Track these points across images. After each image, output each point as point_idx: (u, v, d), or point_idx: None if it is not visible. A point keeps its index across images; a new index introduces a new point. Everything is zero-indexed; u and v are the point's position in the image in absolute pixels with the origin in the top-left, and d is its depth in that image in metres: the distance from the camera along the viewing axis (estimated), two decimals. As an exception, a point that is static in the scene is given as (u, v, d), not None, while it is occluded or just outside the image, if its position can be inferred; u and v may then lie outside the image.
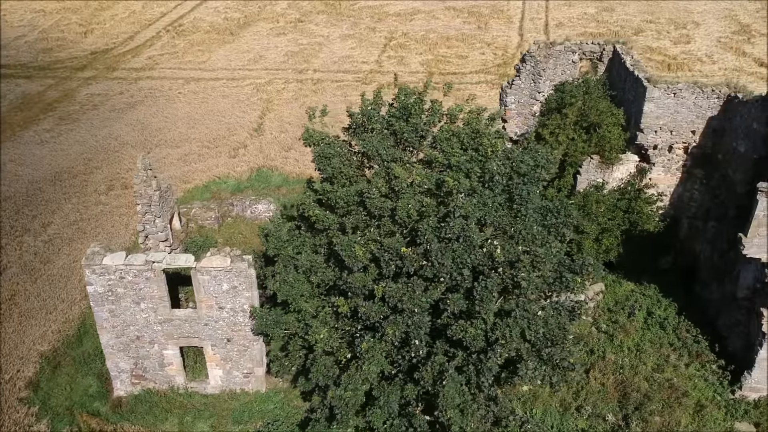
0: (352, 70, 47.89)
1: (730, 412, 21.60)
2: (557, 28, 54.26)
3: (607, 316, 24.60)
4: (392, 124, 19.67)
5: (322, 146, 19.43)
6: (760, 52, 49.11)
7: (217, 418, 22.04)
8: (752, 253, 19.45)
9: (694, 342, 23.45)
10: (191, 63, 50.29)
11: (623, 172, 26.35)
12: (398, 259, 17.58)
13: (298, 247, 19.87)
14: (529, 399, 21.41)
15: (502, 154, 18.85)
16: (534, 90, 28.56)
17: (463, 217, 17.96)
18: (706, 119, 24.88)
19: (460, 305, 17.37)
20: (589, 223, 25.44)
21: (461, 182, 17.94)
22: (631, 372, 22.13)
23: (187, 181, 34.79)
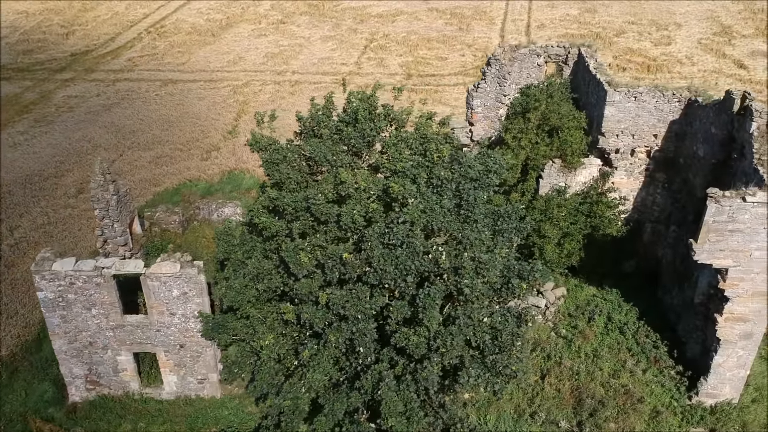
0: (330, 72, 47.75)
1: (686, 418, 21.53)
2: (539, 30, 54.15)
3: (567, 321, 24.48)
4: (341, 130, 19.53)
5: (269, 152, 19.29)
6: (740, 53, 49.03)
7: (171, 424, 21.91)
8: (703, 259, 19.29)
9: (653, 347, 23.35)
10: (170, 65, 50.14)
11: (586, 176, 26.23)
12: (342, 265, 17.46)
13: (249, 252, 19.73)
14: (483, 405, 21.28)
15: (449, 159, 18.70)
16: (500, 93, 28.46)
17: (408, 223, 17.89)
18: (667, 123, 24.77)
19: (404, 312, 17.26)
20: (550, 227, 25.35)
21: (406, 188, 17.82)
22: (587, 378, 22.02)
23: (157, 183, 34.65)
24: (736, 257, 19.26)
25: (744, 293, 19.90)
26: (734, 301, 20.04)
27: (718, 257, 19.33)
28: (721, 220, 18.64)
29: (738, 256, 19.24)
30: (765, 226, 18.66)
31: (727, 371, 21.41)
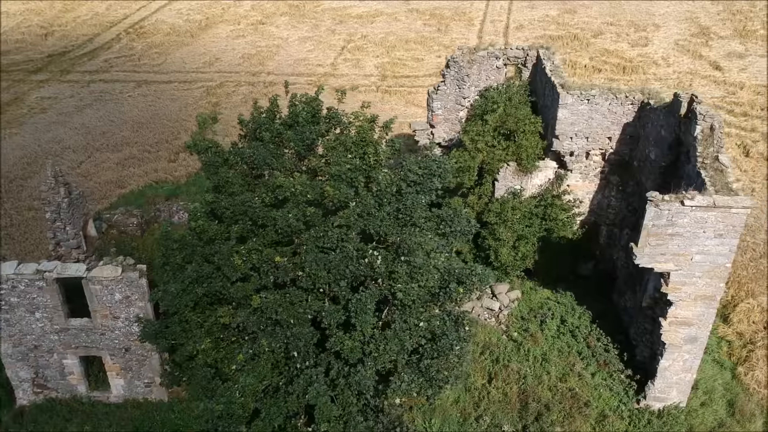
0: (305, 73, 47.67)
1: (633, 421, 21.46)
2: (517, 31, 54.11)
3: (519, 324, 24.41)
4: (281, 133, 19.44)
5: (209, 154, 19.20)
6: (717, 55, 49.02)
7: (118, 427, 21.81)
8: (644, 263, 19.23)
9: (605, 351, 23.29)
10: (146, 66, 50.04)
11: (542, 179, 26.17)
12: (275, 269, 17.40)
13: (189, 256, 19.63)
14: (429, 409, 21.20)
15: (387, 162, 18.64)
16: (459, 96, 28.34)
17: (344, 227, 17.85)
18: (621, 126, 24.70)
19: (338, 317, 17.20)
20: (504, 230, 25.31)
21: (342, 191, 17.76)
22: (535, 381, 21.94)
23: (122, 185, 34.57)
24: (678, 261, 19.20)
25: (687, 297, 19.84)
26: (678, 305, 19.98)
27: (660, 261, 19.28)
28: (660, 224, 18.59)
29: (679, 260, 19.18)
30: (705, 230, 18.61)
31: (673, 375, 21.35)
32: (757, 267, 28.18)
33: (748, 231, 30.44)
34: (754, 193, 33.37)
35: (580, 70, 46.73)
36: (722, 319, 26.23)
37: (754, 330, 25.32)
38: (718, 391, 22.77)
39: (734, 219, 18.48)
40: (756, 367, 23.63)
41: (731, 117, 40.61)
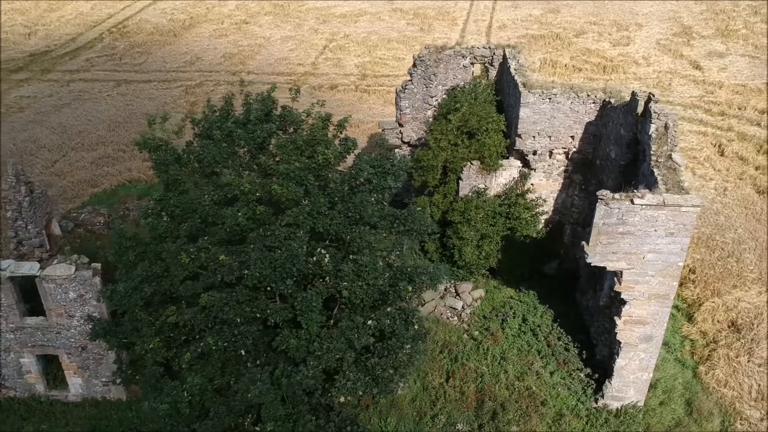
0: (285, 72, 47.63)
1: (591, 420, 21.44)
2: (499, 30, 54.08)
3: (480, 323, 24.39)
4: (232, 131, 19.42)
5: (159, 153, 19.17)
6: (697, 54, 49.01)
7: (74, 426, 21.78)
8: (596, 262, 19.21)
9: (565, 350, 23.28)
10: (127, 65, 49.98)
11: (507, 178, 26.15)
12: (222, 267, 17.36)
13: (142, 254, 19.59)
14: (385, 407, 21.17)
15: (335, 161, 18.62)
16: (427, 95, 28.33)
17: (293, 226, 17.83)
18: (584, 124, 24.68)
19: (284, 315, 17.18)
20: (467, 229, 25.30)
21: (290, 190, 17.73)
22: (492, 380, 21.92)
23: (95, 185, 34.51)
24: (630, 260, 19.18)
25: (640, 296, 19.82)
26: (631, 304, 19.97)
27: (611, 260, 19.26)
28: (611, 223, 18.56)
29: (631, 259, 19.17)
30: (656, 228, 18.59)
31: (630, 374, 21.32)
32: (725, 266, 28.16)
33: (718, 230, 30.47)
34: (726, 192, 33.38)
35: (560, 70, 46.71)
36: (687, 318, 26.26)
37: (718, 329, 25.31)
38: (677, 390, 22.77)
39: (685, 217, 18.48)
40: (717, 366, 23.62)
41: (708, 116, 40.63)
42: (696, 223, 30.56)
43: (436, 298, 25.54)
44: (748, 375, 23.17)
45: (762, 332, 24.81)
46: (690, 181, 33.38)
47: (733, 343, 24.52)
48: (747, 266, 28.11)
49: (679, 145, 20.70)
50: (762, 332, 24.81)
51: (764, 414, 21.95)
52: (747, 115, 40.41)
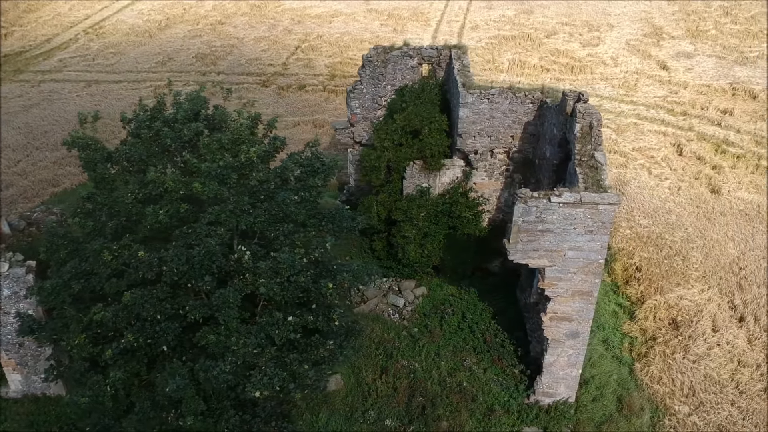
0: (255, 72, 47.92)
1: (522, 416, 21.72)
2: (472, 31, 54.39)
3: (420, 320, 24.68)
4: (159, 130, 19.71)
5: (88, 151, 19.46)
6: (666, 54, 49.32)
7: (11, 423, 22.04)
8: (518, 259, 19.50)
9: (501, 347, 23.57)
10: (100, 65, 50.26)
11: (450, 177, 26.45)
12: (140, 264, 17.64)
13: (73, 253, 19.87)
14: (317, 403, 21.45)
15: (259, 160, 18.90)
16: (376, 95, 28.60)
17: (216, 224, 18.14)
18: (523, 124, 25.00)
19: (203, 312, 17.47)
20: (409, 228, 25.59)
21: (211, 188, 18.02)
22: (425, 376, 22.20)
23: (56, 184, 34.81)
24: (551, 257, 19.48)
25: (564, 293, 20.12)
26: (556, 301, 20.27)
27: (533, 257, 19.57)
28: (530, 221, 18.87)
29: (552, 256, 19.46)
30: (575, 226, 18.88)
31: (559, 370, 21.63)
32: (671, 264, 28.46)
33: (668, 229, 30.77)
34: (680, 191, 33.68)
35: (529, 70, 47.03)
36: (629, 315, 26.56)
37: (658, 327, 25.62)
38: (610, 386, 23.06)
39: (603, 215, 18.75)
40: (652, 363, 23.93)
41: (670, 116, 40.96)
42: (646, 222, 31.05)
43: (379, 296, 25.84)
44: (682, 372, 23.47)
45: (700, 329, 25.12)
46: (649, 180, 33.85)
47: (671, 340, 24.84)
48: (692, 264, 28.42)
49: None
50: (700, 329, 25.12)
51: (693, 409, 22.25)
52: (709, 115, 40.74)
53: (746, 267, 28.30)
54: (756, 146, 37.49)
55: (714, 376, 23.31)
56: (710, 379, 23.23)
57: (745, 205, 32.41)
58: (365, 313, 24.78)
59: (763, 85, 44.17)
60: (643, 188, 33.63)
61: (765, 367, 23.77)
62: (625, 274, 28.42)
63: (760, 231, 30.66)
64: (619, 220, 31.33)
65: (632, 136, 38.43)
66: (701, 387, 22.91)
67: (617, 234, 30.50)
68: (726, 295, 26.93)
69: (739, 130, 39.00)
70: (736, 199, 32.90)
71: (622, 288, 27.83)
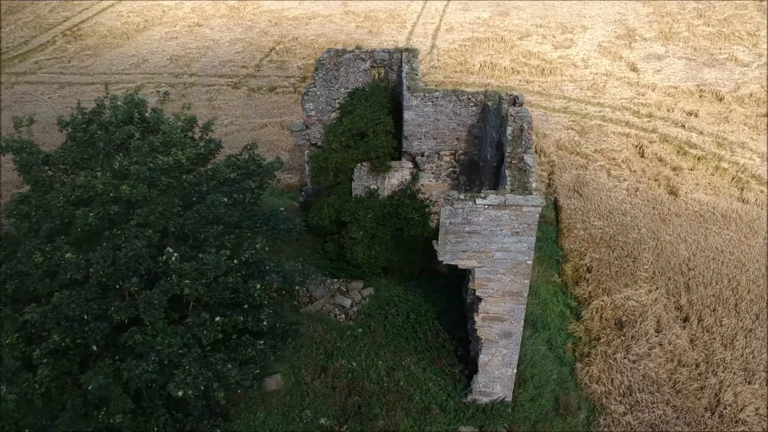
0: (228, 74, 48.22)
1: (458, 416, 21.99)
2: (446, 33, 54.68)
3: (364, 320, 24.96)
4: (94, 134, 20.00)
5: (23, 155, 19.75)
6: (636, 56, 49.63)
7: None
8: (447, 260, 19.75)
9: (441, 346, 23.85)
10: (74, 67, 50.55)
11: (399, 179, 26.75)
12: (68, 265, 17.94)
13: (11, 255, 20.15)
14: (255, 402, 21.71)
15: (188, 163, 19.21)
16: (329, 97, 28.90)
17: (144, 225, 18.45)
18: (467, 127, 25.30)
19: (130, 312, 17.79)
20: (356, 230, 25.89)
21: (139, 190, 18.33)
22: (363, 375, 22.48)
23: (21, 186, 35.03)
24: (480, 258, 19.75)
25: (495, 293, 20.38)
26: (487, 301, 20.53)
27: (462, 258, 19.82)
28: (457, 222, 19.12)
29: (481, 257, 19.73)
30: (501, 227, 19.15)
31: (495, 370, 21.88)
32: (621, 265, 28.74)
33: (622, 230, 31.05)
34: (637, 193, 33.97)
35: (499, 72, 47.34)
36: (576, 316, 26.85)
37: (602, 327, 25.89)
38: (549, 386, 23.32)
39: (527, 217, 19.00)
40: (593, 363, 24.20)
41: (635, 118, 41.25)
42: (600, 224, 31.33)
43: (327, 297, 26.13)
44: (621, 371, 23.74)
45: (643, 330, 25.41)
46: (607, 181, 34.13)
47: (613, 340, 25.12)
48: (642, 265, 28.70)
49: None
50: (643, 330, 25.41)
51: (628, 408, 22.53)
52: (674, 117, 41.05)
53: (696, 268, 28.59)
54: (717, 148, 37.81)
55: (652, 375, 23.58)
56: (648, 378, 23.50)
57: (700, 207, 32.71)
58: (311, 314, 25.07)
59: (729, 86, 44.50)
60: (601, 190, 33.92)
61: (704, 367, 24.05)
62: (575, 274, 28.70)
63: (713, 232, 30.96)
64: (574, 222, 31.65)
65: (595, 138, 38.73)
66: (639, 386, 23.19)
67: (570, 235, 30.82)
68: (673, 296, 27.21)
69: (702, 132, 39.31)
70: (692, 200, 33.19)
71: (571, 289, 28.11)
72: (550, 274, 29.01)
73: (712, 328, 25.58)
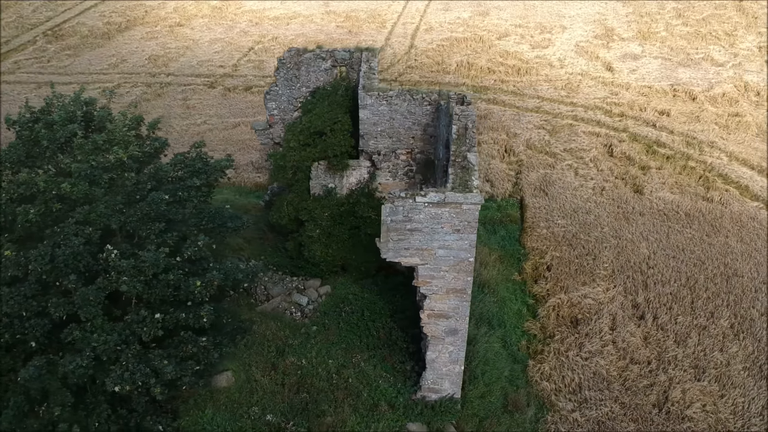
0: (204, 74, 48.37)
1: (406, 412, 22.11)
2: (425, 33, 54.83)
3: (319, 318, 25.09)
4: (38, 132, 20.16)
5: (-31, 154, 19.94)
6: (613, 56, 49.78)
7: None
8: (390, 257, 19.91)
9: (394, 344, 23.98)
10: (53, 67, 50.72)
11: (357, 177, 26.88)
12: (7, 262, 18.11)
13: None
14: (203, 399, 21.83)
15: (131, 161, 19.37)
16: (291, 96, 29.01)
17: (85, 223, 18.61)
18: (422, 126, 25.42)
19: (67, 309, 17.95)
20: (313, 228, 26.04)
21: (79, 188, 18.50)
22: (312, 372, 22.61)
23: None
24: (422, 256, 19.89)
25: (439, 290, 20.53)
26: (431, 298, 20.68)
27: (405, 255, 19.97)
28: (398, 220, 19.28)
29: (424, 255, 19.87)
30: (442, 225, 19.30)
31: (442, 366, 22.01)
32: (581, 263, 28.89)
33: (584, 228, 31.21)
34: (603, 192, 34.11)
35: (475, 72, 47.48)
36: (533, 314, 27.00)
37: (558, 325, 26.04)
38: (500, 383, 23.45)
39: (467, 215, 19.15)
40: (545, 361, 24.35)
41: (606, 117, 41.40)
42: (564, 222, 31.48)
43: (283, 295, 26.27)
44: (572, 369, 23.89)
45: (597, 327, 25.55)
46: (574, 180, 34.27)
47: (567, 338, 25.28)
48: (602, 264, 28.84)
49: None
50: (597, 327, 25.55)
51: (576, 406, 22.68)
52: (645, 116, 41.19)
53: (655, 266, 28.74)
54: (686, 147, 37.96)
55: (603, 373, 23.73)
56: (599, 376, 23.65)
57: (665, 205, 32.86)
58: (267, 312, 25.21)
59: (703, 86, 44.65)
60: (567, 189, 34.07)
61: (655, 364, 24.20)
62: (534, 273, 28.86)
63: (675, 230, 31.11)
64: (538, 220, 31.80)
65: (565, 137, 38.87)
66: (588, 384, 23.34)
67: (534, 234, 30.98)
68: (630, 294, 27.36)
69: (673, 131, 39.45)
70: (657, 199, 33.34)
71: (530, 287, 28.26)
72: (510, 272, 29.17)
73: (666, 325, 25.72)
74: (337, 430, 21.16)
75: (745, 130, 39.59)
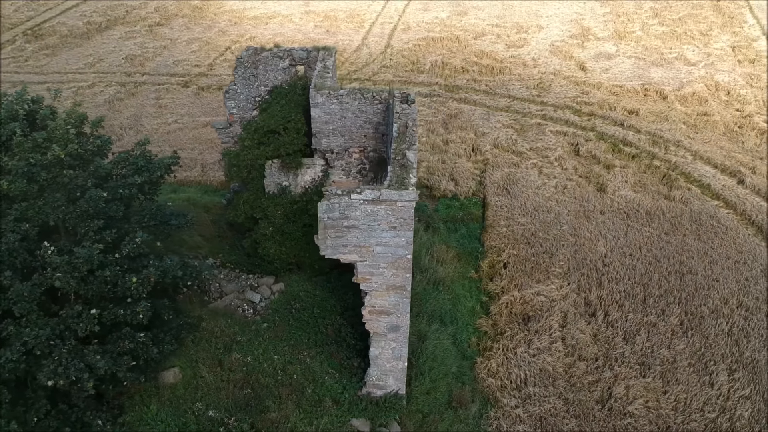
0: (179, 74, 48.54)
1: (351, 408, 22.30)
2: (402, 33, 55.03)
3: (270, 315, 25.27)
4: (-21, 131, 20.34)
5: None
6: (587, 56, 49.97)
7: None
8: (328, 254, 20.11)
9: (342, 340, 24.17)
10: (29, 66, 50.88)
11: (311, 175, 27.06)
12: (-55, 260, 18.31)
13: None
14: (149, 394, 22.01)
15: (69, 159, 19.55)
16: (249, 95, 29.18)
17: (23, 220, 18.80)
18: (374, 124, 25.60)
19: (4, 305, 18.13)
20: (266, 226, 26.24)
21: (16, 186, 18.68)
22: (258, 369, 22.79)
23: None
24: (361, 253, 20.08)
25: (379, 287, 20.71)
26: (372, 295, 20.86)
27: (343, 252, 20.16)
28: (334, 217, 19.47)
29: (362, 252, 20.06)
30: (379, 222, 19.48)
31: (386, 363, 22.20)
32: (537, 261, 29.09)
33: (544, 227, 31.39)
34: (565, 190, 34.30)
35: (449, 71, 47.67)
36: (486, 311, 27.19)
37: (509, 322, 26.24)
38: (446, 379, 23.65)
39: (403, 212, 19.34)
40: (493, 357, 24.54)
41: (575, 117, 41.59)
42: (524, 221, 31.64)
43: (236, 292, 26.44)
44: (519, 365, 24.10)
45: (548, 324, 25.75)
46: (537, 179, 34.46)
47: (517, 335, 25.47)
48: (558, 261, 29.05)
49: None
50: (548, 324, 25.75)
51: (520, 402, 22.88)
52: (614, 116, 41.39)
53: (611, 264, 28.95)
54: (652, 146, 38.15)
55: (549, 369, 23.94)
56: (545, 372, 23.86)
57: (626, 204, 33.07)
58: (219, 309, 25.36)
59: (674, 85, 44.86)
60: (530, 187, 34.26)
61: (602, 361, 24.40)
62: (491, 270, 29.05)
63: (634, 228, 31.31)
64: (498, 219, 31.99)
65: (533, 137, 39.06)
66: (534, 380, 23.55)
67: (493, 232, 31.17)
68: (584, 291, 27.56)
69: (640, 130, 39.65)
70: (618, 197, 33.54)
71: (485, 284, 28.45)
72: (467, 270, 29.37)
73: (616, 323, 25.94)
74: (281, 426, 21.36)
75: (712, 130, 39.79)
